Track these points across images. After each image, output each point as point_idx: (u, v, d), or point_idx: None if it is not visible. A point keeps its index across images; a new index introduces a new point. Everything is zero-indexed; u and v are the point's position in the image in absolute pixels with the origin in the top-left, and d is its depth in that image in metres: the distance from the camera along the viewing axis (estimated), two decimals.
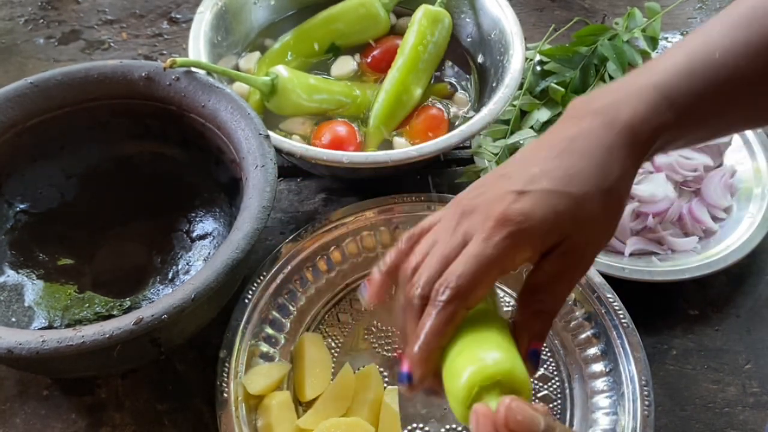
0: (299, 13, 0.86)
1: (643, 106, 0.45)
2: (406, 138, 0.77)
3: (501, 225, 0.41)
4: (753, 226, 0.71)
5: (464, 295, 0.41)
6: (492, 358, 0.40)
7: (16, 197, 0.66)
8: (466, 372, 0.39)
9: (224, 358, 0.61)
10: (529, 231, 0.41)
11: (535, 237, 0.42)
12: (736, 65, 0.46)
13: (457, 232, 0.43)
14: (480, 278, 0.41)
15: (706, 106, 0.47)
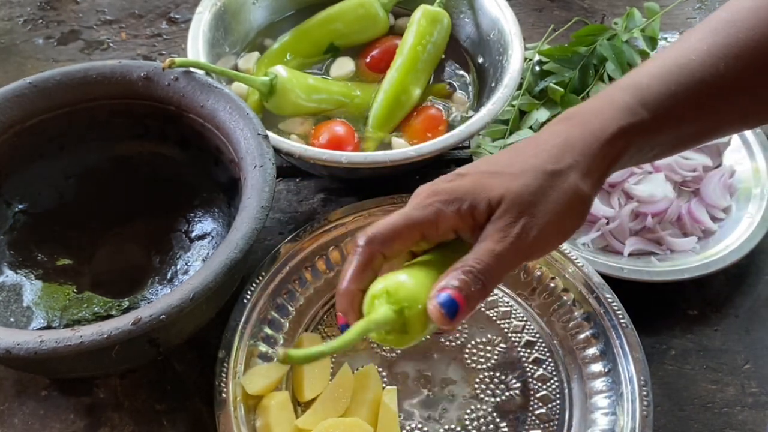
0: (298, 14, 0.86)
1: (608, 104, 0.46)
2: (405, 138, 0.77)
3: (429, 196, 0.45)
4: (752, 227, 0.71)
5: (379, 240, 0.44)
6: (393, 277, 0.43)
7: (15, 197, 0.66)
8: (374, 285, 0.43)
9: (223, 358, 0.61)
10: (452, 202, 0.44)
11: (458, 209, 0.44)
12: (715, 67, 0.46)
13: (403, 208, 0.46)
14: (398, 231, 0.44)
15: (681, 108, 0.47)
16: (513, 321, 0.67)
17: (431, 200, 0.45)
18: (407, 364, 0.65)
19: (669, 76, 0.47)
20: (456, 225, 0.45)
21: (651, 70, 0.48)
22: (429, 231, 0.45)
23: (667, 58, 0.48)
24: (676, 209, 0.74)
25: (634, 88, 0.47)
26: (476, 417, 0.62)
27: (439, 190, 0.45)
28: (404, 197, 0.71)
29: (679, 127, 0.48)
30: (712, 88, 0.47)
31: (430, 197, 0.45)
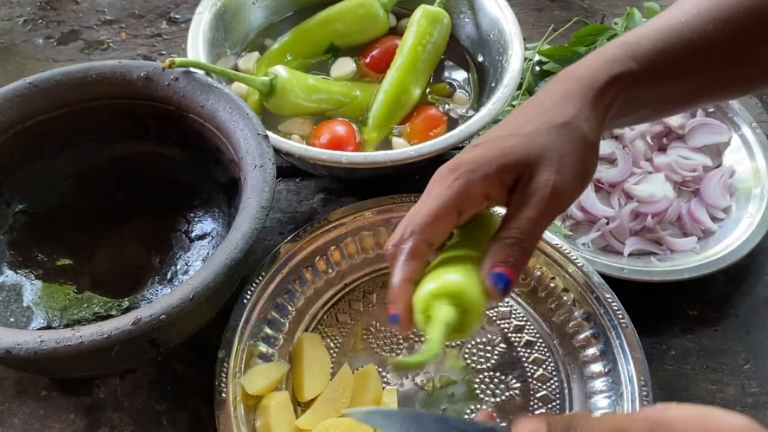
0: (298, 14, 0.86)
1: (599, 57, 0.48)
2: (405, 138, 0.77)
3: (452, 170, 0.45)
4: (752, 227, 0.71)
5: (422, 230, 0.44)
6: (447, 277, 0.44)
7: (14, 197, 0.66)
8: (427, 286, 0.44)
9: (223, 358, 0.61)
10: (477, 169, 0.45)
11: (484, 174, 0.45)
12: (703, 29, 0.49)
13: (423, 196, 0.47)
14: (436, 215, 0.44)
15: (668, 63, 0.49)
16: (513, 321, 0.67)
17: (456, 175, 0.45)
18: None
19: (658, 35, 0.50)
20: (487, 191, 0.45)
21: (642, 31, 0.50)
22: (463, 205, 0.45)
23: (659, 20, 0.51)
24: (676, 209, 0.74)
25: (624, 44, 0.49)
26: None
27: (460, 162, 0.46)
28: (404, 197, 0.71)
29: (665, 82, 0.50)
30: (699, 48, 0.49)
31: (454, 172, 0.45)
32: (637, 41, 0.49)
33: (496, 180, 0.45)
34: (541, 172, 0.45)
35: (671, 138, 0.80)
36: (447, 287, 0.43)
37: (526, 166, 0.45)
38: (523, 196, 0.45)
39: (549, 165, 0.45)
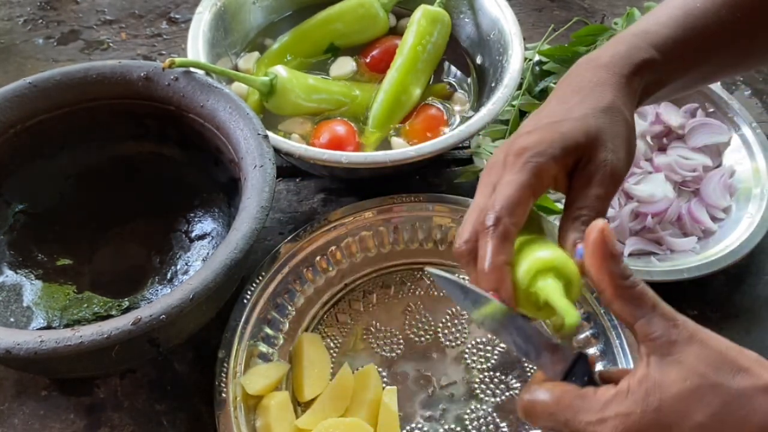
0: (298, 14, 0.86)
1: (622, 47, 0.51)
2: (405, 138, 0.77)
3: (519, 154, 0.47)
4: (752, 227, 0.71)
5: (507, 213, 0.45)
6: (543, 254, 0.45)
7: (14, 197, 0.66)
8: (524, 264, 0.45)
9: (223, 358, 0.61)
10: (545, 152, 0.46)
11: (551, 155, 0.47)
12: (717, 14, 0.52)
13: (485, 185, 0.48)
14: (515, 198, 0.45)
15: (688, 51, 0.52)
16: None
17: (524, 159, 0.46)
18: (407, 364, 0.65)
19: (676, 22, 0.52)
20: (555, 173, 0.47)
21: (659, 18, 0.52)
22: (537, 187, 0.47)
23: (674, 6, 0.53)
24: (676, 209, 0.74)
25: (644, 33, 0.52)
26: (476, 417, 0.62)
27: (524, 147, 0.47)
28: (404, 197, 0.71)
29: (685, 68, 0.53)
30: (715, 33, 0.52)
31: (520, 157, 0.47)
32: (657, 30, 0.52)
33: (561, 162, 0.47)
34: (598, 153, 0.47)
35: (671, 138, 0.80)
36: (550, 262, 0.44)
37: (585, 148, 0.47)
38: (586, 177, 0.47)
39: (605, 146, 0.47)
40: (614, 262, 0.40)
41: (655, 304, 0.40)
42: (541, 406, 0.42)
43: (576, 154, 0.48)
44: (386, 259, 0.70)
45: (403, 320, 0.67)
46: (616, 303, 0.40)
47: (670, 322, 0.40)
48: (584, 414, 0.40)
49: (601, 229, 0.40)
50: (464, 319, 0.67)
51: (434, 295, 0.69)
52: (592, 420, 0.40)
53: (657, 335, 0.39)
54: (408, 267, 0.70)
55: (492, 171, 0.48)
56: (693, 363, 0.38)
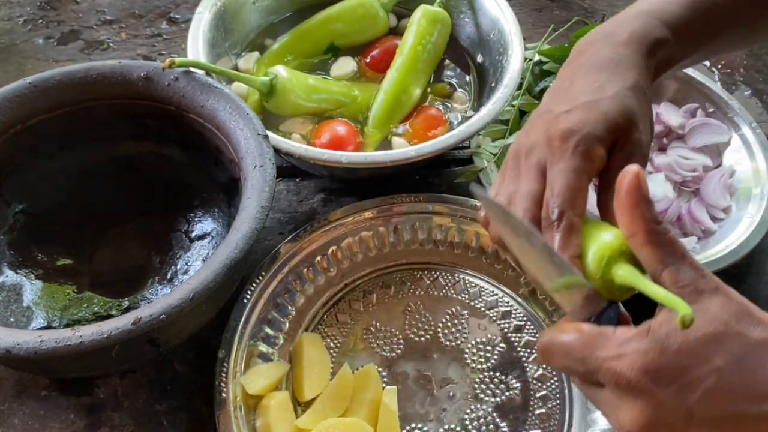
0: (298, 14, 0.86)
1: (638, 24, 0.51)
2: (405, 138, 0.77)
3: (566, 138, 0.46)
4: (752, 227, 0.71)
5: (571, 205, 0.45)
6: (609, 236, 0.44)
7: (15, 197, 0.66)
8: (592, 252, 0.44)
9: (223, 358, 0.61)
10: (591, 133, 0.46)
11: (598, 136, 0.46)
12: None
13: (529, 167, 0.47)
14: (575, 187, 0.45)
15: (698, 30, 0.53)
16: (513, 321, 0.67)
17: (573, 142, 0.46)
18: (407, 364, 0.65)
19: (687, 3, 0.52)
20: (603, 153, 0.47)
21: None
22: (590, 170, 0.47)
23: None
24: (676, 209, 0.74)
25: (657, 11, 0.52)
26: (476, 417, 0.62)
27: (569, 128, 0.47)
28: (404, 197, 0.71)
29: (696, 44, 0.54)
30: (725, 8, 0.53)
31: (567, 141, 0.46)
32: (668, 9, 0.52)
33: (606, 143, 0.47)
34: (634, 133, 0.48)
35: (671, 138, 0.80)
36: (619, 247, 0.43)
37: (623, 127, 0.47)
38: (624, 156, 0.47)
39: (638, 126, 0.48)
40: (647, 207, 0.39)
41: (684, 254, 0.40)
42: (559, 344, 0.42)
43: (616, 135, 0.48)
44: (386, 259, 0.70)
45: (403, 320, 0.67)
46: (647, 248, 0.40)
47: (699, 272, 0.40)
48: (601, 350, 0.39)
49: (635, 173, 0.39)
50: (464, 319, 0.67)
51: (434, 295, 0.69)
52: (608, 356, 0.39)
53: (685, 283, 0.39)
54: (408, 267, 0.70)
55: (533, 153, 0.48)
56: (717, 312, 0.38)
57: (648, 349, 0.38)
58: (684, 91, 0.82)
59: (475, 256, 0.70)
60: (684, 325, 0.36)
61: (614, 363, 0.39)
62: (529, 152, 0.48)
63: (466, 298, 0.69)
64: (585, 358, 0.40)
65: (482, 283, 0.70)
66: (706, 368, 0.37)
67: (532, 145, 0.48)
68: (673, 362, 0.38)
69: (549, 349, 0.42)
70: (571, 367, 0.42)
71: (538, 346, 0.43)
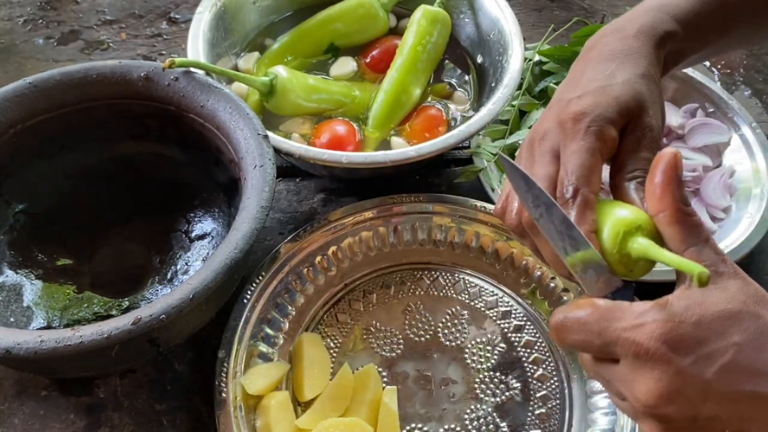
0: (298, 14, 0.86)
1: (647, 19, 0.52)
2: (405, 138, 0.77)
3: (578, 120, 0.47)
4: (752, 226, 0.71)
5: (585, 182, 0.45)
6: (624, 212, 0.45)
7: (15, 197, 0.66)
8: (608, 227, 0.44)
9: (223, 358, 0.61)
10: (603, 115, 0.47)
11: (609, 118, 0.47)
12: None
13: (543, 152, 0.48)
14: (589, 165, 0.46)
15: (708, 25, 0.54)
16: (513, 321, 0.67)
17: (585, 123, 0.47)
18: (407, 364, 0.65)
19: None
20: (616, 135, 0.48)
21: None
22: (603, 150, 0.47)
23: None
24: None
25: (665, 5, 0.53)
26: (476, 417, 0.62)
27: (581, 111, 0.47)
28: (404, 197, 0.71)
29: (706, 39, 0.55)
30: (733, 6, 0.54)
31: (580, 122, 0.47)
32: (677, 3, 0.53)
33: (618, 126, 0.48)
34: (644, 118, 0.49)
35: (671, 138, 0.80)
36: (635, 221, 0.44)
37: (633, 112, 0.48)
38: (635, 141, 0.48)
39: (648, 111, 0.49)
40: (679, 187, 0.41)
41: (708, 237, 0.41)
42: (575, 317, 0.42)
43: (627, 118, 0.48)
44: (386, 259, 0.70)
45: (403, 320, 0.67)
46: (674, 227, 0.41)
47: (720, 256, 0.41)
48: (619, 321, 0.40)
49: (675, 153, 0.40)
50: (464, 319, 0.67)
51: (434, 295, 0.69)
52: (627, 326, 0.39)
53: (706, 264, 0.40)
54: (408, 267, 0.70)
55: (547, 138, 0.48)
56: (735, 292, 0.39)
57: (667, 318, 0.38)
58: (684, 91, 0.82)
59: (475, 256, 0.70)
60: (701, 282, 0.37)
61: (633, 333, 0.39)
62: (542, 139, 0.49)
63: (466, 298, 0.69)
64: (602, 330, 0.40)
65: (482, 283, 0.70)
66: (724, 342, 0.38)
67: (545, 131, 0.49)
68: (693, 333, 0.38)
69: (563, 324, 0.43)
70: (587, 341, 0.41)
71: (552, 324, 0.44)
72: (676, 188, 0.41)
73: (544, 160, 0.48)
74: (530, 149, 0.50)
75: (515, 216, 0.49)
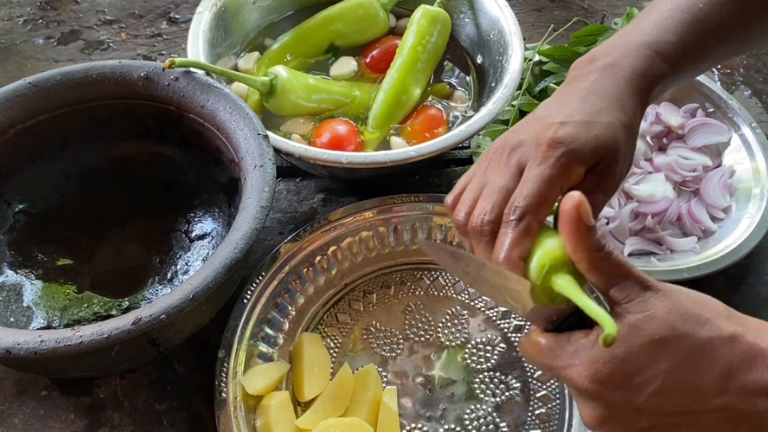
0: (298, 14, 0.86)
1: (638, 62, 0.52)
2: (405, 138, 0.77)
3: (553, 147, 0.47)
4: (752, 226, 0.71)
5: (534, 210, 0.46)
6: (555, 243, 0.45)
7: (15, 197, 0.66)
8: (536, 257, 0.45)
9: (223, 358, 0.61)
10: (577, 150, 0.47)
11: (582, 155, 0.48)
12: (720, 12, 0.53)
13: (509, 164, 0.48)
14: (545, 194, 0.46)
15: (695, 53, 0.54)
16: (513, 321, 0.67)
17: (558, 153, 0.47)
18: (407, 364, 0.65)
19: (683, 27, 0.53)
20: (582, 171, 0.48)
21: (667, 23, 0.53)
22: (564, 183, 0.48)
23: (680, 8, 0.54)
24: (676, 209, 0.74)
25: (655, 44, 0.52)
26: (476, 417, 0.62)
27: (559, 139, 0.47)
28: (404, 197, 0.71)
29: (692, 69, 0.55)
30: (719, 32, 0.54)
31: (554, 150, 0.47)
32: (667, 40, 0.53)
33: (588, 163, 0.48)
34: (614, 165, 0.49)
35: (671, 138, 0.80)
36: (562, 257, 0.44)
37: (606, 156, 0.49)
38: (595, 181, 0.49)
39: (620, 160, 0.50)
40: (589, 235, 0.41)
41: (628, 272, 0.42)
42: (526, 353, 0.45)
43: (598, 160, 0.49)
44: (386, 259, 0.70)
45: (403, 320, 0.67)
46: (593, 274, 0.42)
47: (643, 285, 0.42)
48: (557, 360, 0.43)
49: (575, 205, 0.41)
50: (464, 319, 0.67)
51: (434, 295, 0.69)
52: (562, 365, 0.42)
53: (630, 298, 0.42)
54: (408, 267, 0.70)
55: (518, 151, 0.49)
56: (664, 317, 0.40)
57: (596, 358, 0.41)
58: (684, 91, 0.82)
59: None
60: (606, 343, 0.39)
61: (568, 371, 0.42)
62: (513, 149, 0.49)
63: (466, 298, 0.69)
64: (547, 365, 0.44)
65: None
66: (651, 372, 0.40)
67: (519, 143, 0.49)
68: (620, 368, 0.40)
69: (524, 354, 0.46)
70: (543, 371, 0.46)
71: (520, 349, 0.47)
72: (585, 237, 0.41)
73: (507, 172, 0.48)
74: (499, 155, 0.50)
75: (464, 216, 0.50)
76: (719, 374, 0.40)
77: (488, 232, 0.47)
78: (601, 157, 0.49)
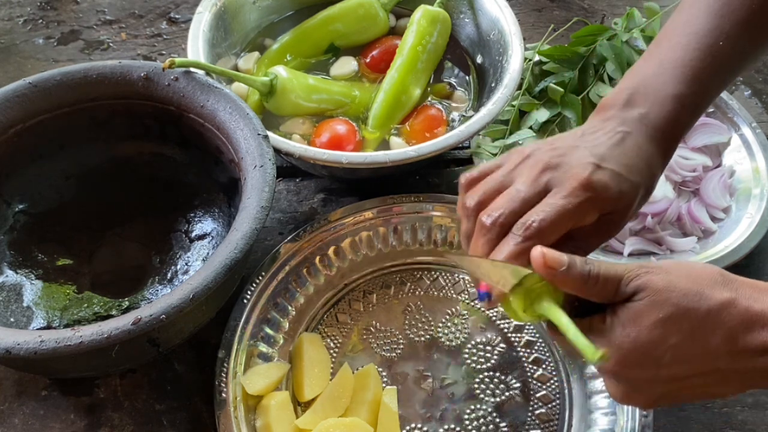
0: (298, 14, 0.86)
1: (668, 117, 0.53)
2: (405, 138, 0.77)
3: (584, 188, 0.49)
4: (751, 227, 0.71)
5: (542, 234, 0.48)
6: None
7: (15, 197, 0.66)
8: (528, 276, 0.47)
9: (223, 358, 0.61)
10: (603, 200, 0.49)
11: (604, 205, 0.50)
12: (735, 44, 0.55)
13: (538, 181, 0.50)
14: (557, 224, 0.48)
15: (714, 95, 0.57)
16: (513, 321, 0.67)
17: (588, 194, 0.49)
18: (407, 364, 0.65)
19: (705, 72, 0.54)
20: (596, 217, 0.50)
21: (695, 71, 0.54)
22: (579, 220, 0.49)
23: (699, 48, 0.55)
24: (676, 209, 0.74)
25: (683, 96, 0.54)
26: (476, 417, 0.62)
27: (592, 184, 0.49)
28: (404, 197, 0.71)
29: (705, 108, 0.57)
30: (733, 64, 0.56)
31: (584, 190, 0.49)
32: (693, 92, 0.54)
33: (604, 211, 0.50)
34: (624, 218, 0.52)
35: None
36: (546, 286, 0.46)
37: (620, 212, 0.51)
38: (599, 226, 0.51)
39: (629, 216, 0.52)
40: (569, 273, 0.44)
41: (620, 279, 0.45)
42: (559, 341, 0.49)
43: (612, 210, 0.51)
44: (386, 259, 0.70)
45: (403, 320, 0.67)
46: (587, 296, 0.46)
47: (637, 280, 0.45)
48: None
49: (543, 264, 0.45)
50: (464, 318, 0.67)
51: (434, 295, 0.69)
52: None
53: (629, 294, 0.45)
54: (408, 267, 0.70)
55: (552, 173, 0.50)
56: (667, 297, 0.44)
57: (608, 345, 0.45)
58: None
59: None
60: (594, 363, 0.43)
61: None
62: (547, 169, 0.50)
63: (466, 298, 0.69)
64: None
65: None
66: (662, 348, 0.44)
67: (556, 165, 0.50)
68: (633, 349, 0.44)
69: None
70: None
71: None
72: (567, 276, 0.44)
73: (534, 188, 0.50)
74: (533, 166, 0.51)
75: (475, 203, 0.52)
76: (722, 339, 0.43)
77: (496, 233, 0.49)
78: (617, 210, 0.51)
